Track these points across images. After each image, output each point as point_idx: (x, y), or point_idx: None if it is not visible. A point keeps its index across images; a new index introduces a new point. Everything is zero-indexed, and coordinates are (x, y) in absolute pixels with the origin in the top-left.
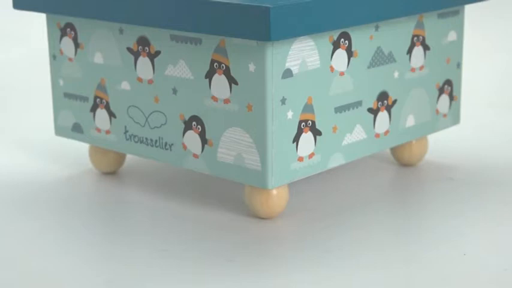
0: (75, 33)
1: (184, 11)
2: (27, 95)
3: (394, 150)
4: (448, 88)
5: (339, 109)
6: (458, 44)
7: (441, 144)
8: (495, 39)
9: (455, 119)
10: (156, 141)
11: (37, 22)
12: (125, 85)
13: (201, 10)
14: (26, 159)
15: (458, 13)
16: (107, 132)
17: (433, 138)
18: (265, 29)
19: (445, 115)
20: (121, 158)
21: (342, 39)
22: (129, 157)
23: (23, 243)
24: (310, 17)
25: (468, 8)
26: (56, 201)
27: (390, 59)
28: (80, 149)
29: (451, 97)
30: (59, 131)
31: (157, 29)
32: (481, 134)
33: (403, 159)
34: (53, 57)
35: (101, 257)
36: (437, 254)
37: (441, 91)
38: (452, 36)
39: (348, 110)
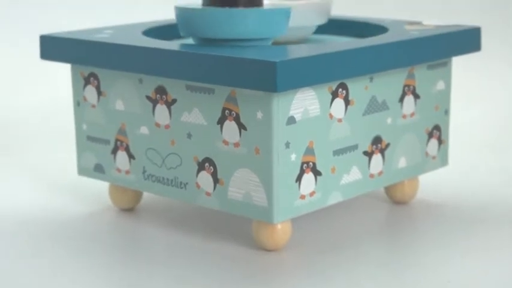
0: (98, 82)
1: (198, 64)
2: (52, 138)
3: (387, 189)
4: (437, 133)
5: (337, 152)
6: (446, 92)
7: (431, 184)
8: (480, 88)
9: (443, 161)
10: (172, 180)
11: (62, 71)
12: (144, 130)
13: (214, 63)
14: (50, 197)
15: (446, 64)
16: (127, 172)
17: (423, 179)
18: (271, 81)
19: (434, 157)
20: (139, 195)
21: (340, 89)
22: (145, 195)
23: (45, 277)
24: (311, 70)
25: (455, 59)
26: (77, 236)
27: (384, 106)
28: (100, 187)
29: (440, 141)
30: (82, 171)
31: (174, 80)
32: (467, 174)
33: (396, 197)
34: (77, 103)
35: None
36: (425, 281)
37: (430, 135)
38: (440, 85)
39: (345, 153)
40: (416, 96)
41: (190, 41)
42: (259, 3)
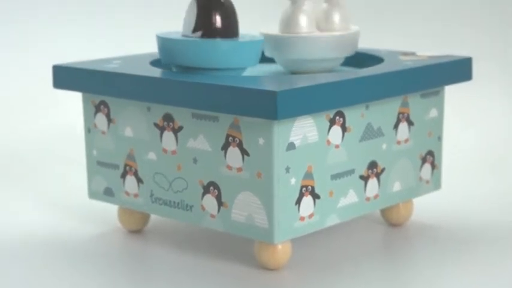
0: (108, 110)
1: (203, 93)
2: (64, 163)
3: (383, 211)
4: (430, 158)
5: (335, 176)
6: (439, 119)
7: (425, 206)
8: (472, 114)
9: (436, 185)
10: (178, 203)
11: (74, 99)
12: (152, 155)
13: (218, 93)
14: (62, 219)
15: (438, 93)
16: (135, 195)
17: (417, 202)
18: (272, 109)
19: (427, 181)
20: (146, 218)
21: (337, 117)
22: (153, 217)
23: None
24: (310, 99)
25: (448, 88)
26: (88, 256)
27: (379, 133)
28: (109, 210)
29: (433, 166)
30: (92, 194)
31: (180, 108)
32: (459, 197)
33: (391, 219)
34: (88, 130)
35: None
36: None
37: (424, 161)
38: (433, 113)
39: (343, 177)
40: (410, 123)
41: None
42: (234, 35)
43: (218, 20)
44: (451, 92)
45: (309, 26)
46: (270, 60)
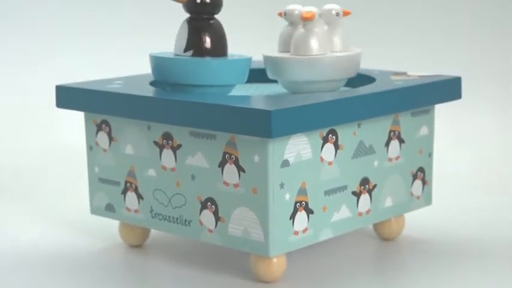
0: (110, 129)
1: (201, 112)
2: (67, 180)
3: (375, 226)
4: (421, 174)
5: (328, 192)
6: (430, 137)
7: (416, 221)
8: (461, 132)
9: (427, 200)
10: (177, 218)
11: (76, 118)
12: (152, 172)
13: (216, 112)
14: (64, 234)
15: (429, 111)
16: (136, 211)
17: (409, 217)
18: (267, 128)
19: (418, 197)
20: (146, 233)
21: (330, 135)
22: (153, 232)
23: None
24: (304, 118)
25: (438, 106)
26: (90, 270)
27: (371, 150)
28: (110, 225)
29: (424, 182)
30: (94, 210)
31: (179, 127)
32: (450, 213)
33: (383, 234)
34: (90, 148)
35: None
36: None
37: (415, 177)
38: (424, 130)
39: (335, 193)
40: (401, 141)
41: (194, 91)
42: (223, 54)
43: (207, 40)
44: (443, 109)
45: (319, 49)
46: (274, 81)
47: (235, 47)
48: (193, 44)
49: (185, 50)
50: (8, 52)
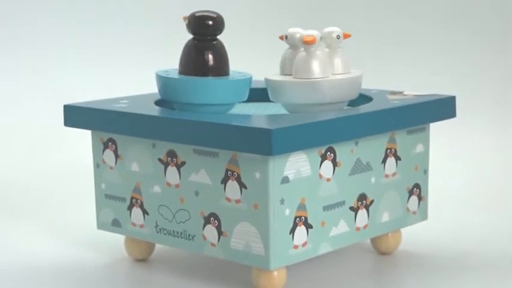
0: (116, 147)
1: (204, 131)
2: (74, 196)
3: (373, 241)
4: (417, 190)
5: (327, 208)
6: (425, 154)
7: (412, 236)
8: (458, 148)
9: (423, 215)
10: (181, 233)
11: (83, 137)
12: (157, 188)
13: (218, 130)
14: (71, 248)
15: (424, 130)
16: (141, 226)
17: (405, 232)
18: (268, 146)
19: (414, 212)
20: (151, 247)
21: (329, 153)
22: (157, 246)
23: None
24: (303, 136)
25: (433, 125)
26: (97, 284)
27: (368, 167)
28: (116, 240)
29: (420, 198)
30: (101, 225)
31: (183, 145)
32: (445, 227)
33: (380, 248)
34: (97, 165)
35: None
36: None
37: (411, 193)
38: (419, 148)
39: (334, 208)
40: (398, 158)
41: (198, 109)
42: (225, 73)
43: (210, 60)
44: (440, 126)
45: (320, 72)
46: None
47: (238, 66)
48: (197, 64)
49: (191, 70)
50: (16, 70)
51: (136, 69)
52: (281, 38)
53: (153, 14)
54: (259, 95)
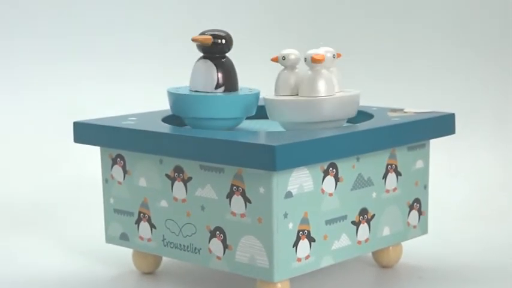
0: (124, 163)
1: (210, 147)
2: (83, 210)
3: (374, 254)
4: (417, 205)
5: (329, 222)
6: (425, 170)
7: (413, 250)
8: (458, 164)
9: (423, 229)
10: (187, 246)
11: (92, 153)
12: (164, 203)
13: (224, 147)
14: (80, 261)
15: (424, 146)
16: (149, 240)
17: (406, 245)
18: (271, 162)
19: (415, 227)
20: (158, 260)
21: (331, 168)
22: (165, 259)
23: None
24: (306, 152)
25: (432, 141)
26: None
27: (369, 183)
28: (124, 253)
29: (420, 212)
30: (109, 239)
31: (189, 160)
32: (445, 241)
33: (382, 261)
34: (106, 180)
35: None
36: None
37: (411, 208)
38: (419, 164)
39: (336, 222)
40: (398, 174)
41: (208, 123)
42: (235, 88)
43: (220, 77)
44: (440, 142)
45: (327, 90)
46: None
47: (246, 82)
48: (208, 81)
49: (201, 87)
50: (27, 85)
51: (148, 86)
52: (274, 59)
53: (166, 34)
54: (264, 111)
